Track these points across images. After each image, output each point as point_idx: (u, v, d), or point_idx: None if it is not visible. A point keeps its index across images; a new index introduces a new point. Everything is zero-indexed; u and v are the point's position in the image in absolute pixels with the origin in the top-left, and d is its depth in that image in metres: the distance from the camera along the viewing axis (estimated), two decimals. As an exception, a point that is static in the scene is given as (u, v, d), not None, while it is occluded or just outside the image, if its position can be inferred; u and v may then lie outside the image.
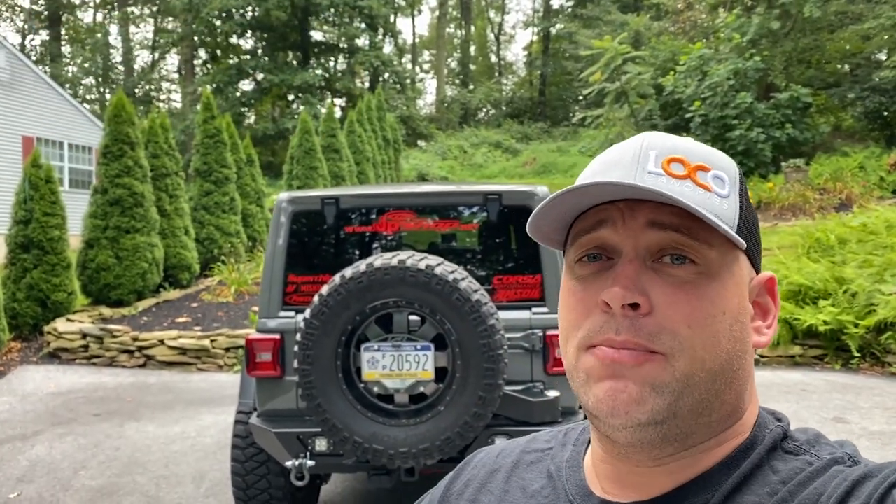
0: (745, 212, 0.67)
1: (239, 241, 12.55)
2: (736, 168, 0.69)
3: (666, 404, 0.63)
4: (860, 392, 6.66)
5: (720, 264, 0.65)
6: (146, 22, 42.05)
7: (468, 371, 3.06)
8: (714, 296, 0.64)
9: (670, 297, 0.63)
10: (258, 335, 3.53)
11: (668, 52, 20.86)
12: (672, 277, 0.64)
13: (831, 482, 0.60)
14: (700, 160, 0.66)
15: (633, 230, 0.65)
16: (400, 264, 2.99)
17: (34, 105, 17.91)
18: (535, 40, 43.02)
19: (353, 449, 3.12)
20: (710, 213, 0.62)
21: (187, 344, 8.50)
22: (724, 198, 0.65)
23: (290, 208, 3.66)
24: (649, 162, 0.65)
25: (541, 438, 0.83)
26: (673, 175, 0.64)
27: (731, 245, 0.65)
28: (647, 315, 0.63)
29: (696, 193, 0.64)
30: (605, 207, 0.66)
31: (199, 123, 12.86)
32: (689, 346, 0.62)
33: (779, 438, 0.67)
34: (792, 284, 8.17)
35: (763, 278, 0.70)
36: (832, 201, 13.51)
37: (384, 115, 22.76)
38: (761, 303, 0.70)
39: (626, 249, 0.65)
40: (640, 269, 0.64)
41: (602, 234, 0.66)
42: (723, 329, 0.64)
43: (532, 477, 0.78)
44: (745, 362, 0.66)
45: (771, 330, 0.70)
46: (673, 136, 0.69)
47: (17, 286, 9.17)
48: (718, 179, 0.66)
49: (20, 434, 6.05)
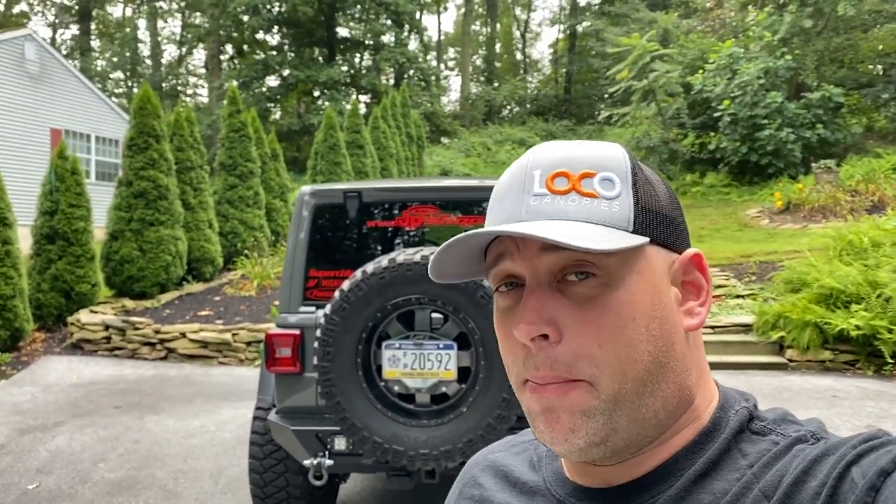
0: (642, 204, 0.66)
1: (262, 235, 12.56)
2: (626, 160, 0.67)
3: (600, 425, 0.64)
4: (894, 400, 6.46)
5: (622, 268, 0.64)
6: (174, 17, 42.42)
7: (492, 371, 2.97)
8: (619, 305, 0.63)
9: (577, 320, 0.64)
10: (278, 330, 3.47)
11: (697, 50, 20.54)
12: (576, 296, 0.64)
13: (793, 462, 0.60)
14: (584, 167, 0.66)
15: (529, 258, 0.66)
16: (423, 260, 2.91)
17: (62, 98, 18.08)
18: (561, 38, 42.69)
19: (373, 449, 3.04)
20: (596, 222, 0.63)
21: (209, 337, 8.49)
22: (613, 199, 0.65)
23: (313, 202, 3.59)
24: (535, 183, 0.66)
25: (527, 431, 0.84)
26: (556, 191, 0.65)
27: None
28: (559, 342, 0.64)
29: (580, 206, 0.64)
30: (502, 239, 0.67)
31: (225, 117, 12.88)
32: (606, 366, 0.63)
33: (745, 420, 0.67)
34: (823, 288, 7.96)
35: (686, 257, 0.69)
36: (864, 203, 13.20)
37: (408, 112, 22.69)
38: (692, 280, 0.69)
39: (527, 278, 0.66)
40: (545, 296, 0.65)
41: (505, 267, 0.68)
42: (636, 334, 0.63)
43: (516, 464, 0.80)
44: (674, 354, 0.66)
45: (704, 307, 0.69)
46: (559, 146, 0.69)
47: (41, 277, 9.23)
48: (606, 181, 0.65)
49: (41, 424, 6.06)
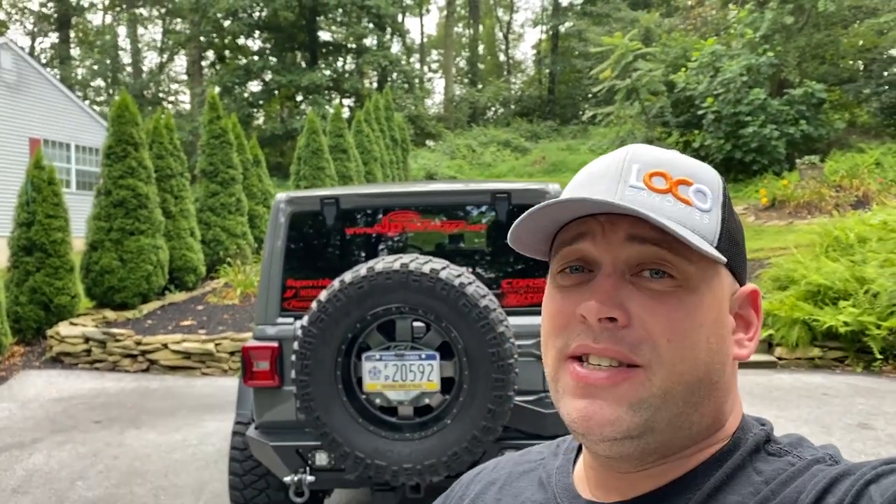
0: (727, 226, 0.68)
1: (245, 242, 12.41)
2: (720, 182, 0.69)
3: (642, 421, 0.64)
4: (885, 396, 6.42)
5: (699, 279, 0.65)
6: (154, 23, 42.10)
7: (476, 381, 2.87)
8: (692, 308, 0.65)
9: (648, 310, 0.64)
10: (255, 343, 3.36)
11: (680, 48, 20.58)
12: (650, 290, 0.65)
13: (811, 480, 0.61)
14: (682, 174, 0.67)
15: (613, 244, 0.66)
16: (402, 268, 2.81)
17: (41, 107, 17.83)
18: (544, 38, 42.72)
19: (355, 464, 2.93)
20: (689, 228, 0.64)
21: (191, 348, 8.35)
22: (705, 212, 0.66)
23: (289, 209, 3.48)
24: (631, 175, 0.66)
25: (534, 451, 0.85)
26: (654, 189, 0.66)
27: (710, 260, 0.65)
28: (625, 327, 0.64)
29: (675, 208, 0.65)
30: (586, 220, 0.67)
31: (205, 124, 12.73)
32: (667, 360, 0.63)
33: (762, 441, 0.68)
34: (810, 284, 7.93)
35: (746, 291, 0.71)
36: (849, 199, 13.23)
37: (392, 115, 22.59)
38: (744, 315, 0.71)
39: (604, 263, 0.66)
40: (619, 283, 0.65)
41: (582, 247, 0.67)
42: (700, 341, 0.65)
43: (524, 486, 0.79)
44: (724, 374, 0.67)
45: (752, 343, 0.71)
46: (658, 149, 0.69)
47: (19, 289, 9.05)
48: (700, 194, 0.67)
49: (18, 442, 5.90)
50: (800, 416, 5.88)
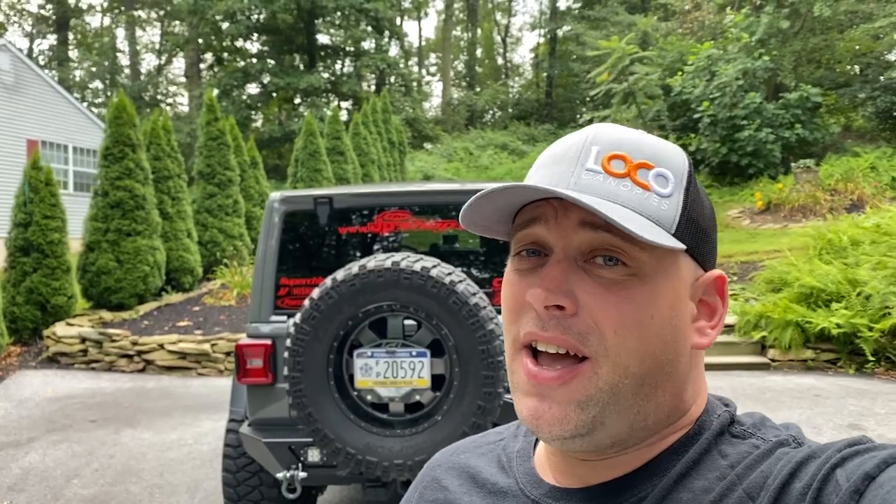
0: (688, 211, 0.66)
1: (242, 243, 12.44)
2: (685, 165, 0.67)
3: (590, 418, 0.63)
4: (876, 398, 6.47)
5: (654, 266, 0.64)
6: (153, 26, 42.13)
7: (466, 378, 2.91)
8: (642, 299, 0.63)
9: (598, 299, 0.63)
10: (249, 340, 3.39)
11: (676, 52, 20.64)
12: (601, 279, 0.64)
13: (777, 464, 0.61)
14: (644, 157, 0.65)
15: (565, 229, 0.65)
16: (394, 266, 2.85)
17: (39, 108, 17.86)
18: (541, 42, 42.82)
19: (347, 460, 2.97)
20: (644, 214, 0.62)
21: (187, 348, 8.37)
22: (664, 197, 0.64)
23: (282, 208, 3.52)
24: (590, 159, 0.65)
25: (493, 432, 0.85)
26: (611, 173, 0.64)
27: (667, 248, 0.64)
28: (573, 316, 0.63)
29: (632, 194, 0.63)
30: (540, 204, 0.66)
31: (203, 126, 12.76)
32: (614, 352, 0.62)
33: (726, 423, 0.67)
34: (803, 287, 7.98)
35: (710, 277, 0.69)
36: (843, 202, 13.29)
37: (390, 118, 22.63)
38: (709, 301, 0.69)
39: (556, 249, 0.65)
40: (569, 270, 0.64)
41: (535, 231, 0.67)
42: (650, 333, 0.63)
43: (482, 466, 0.78)
44: (678, 364, 0.66)
45: (715, 330, 0.69)
46: (622, 129, 0.67)
47: (16, 290, 9.07)
48: (661, 178, 0.65)
49: (14, 441, 5.93)
50: (791, 417, 5.92)
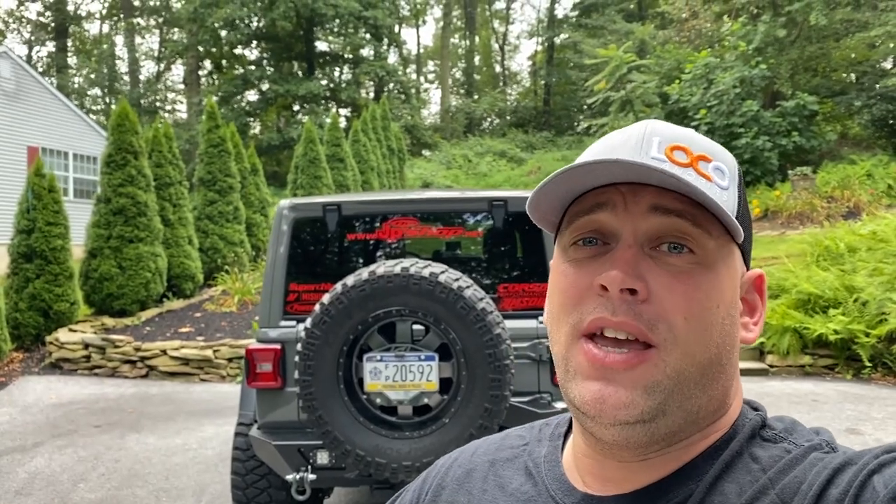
0: (742, 206, 0.67)
1: (242, 250, 12.50)
2: (736, 162, 0.69)
3: (656, 404, 0.62)
4: (873, 402, 6.54)
5: (717, 255, 0.64)
6: (152, 33, 42.23)
7: (474, 382, 2.97)
8: (710, 287, 0.63)
9: (667, 286, 0.62)
10: (258, 345, 3.45)
11: (674, 60, 20.78)
12: (669, 266, 0.63)
13: (811, 470, 0.60)
14: (702, 150, 0.66)
15: (634, 215, 0.64)
16: (403, 272, 2.91)
17: (39, 115, 17.92)
18: (539, 50, 42.98)
19: (356, 462, 3.03)
20: None
21: (190, 354, 8.42)
22: (724, 189, 0.65)
23: (292, 215, 3.59)
24: (652, 148, 0.65)
25: (514, 434, 0.82)
26: (676, 162, 0.64)
27: (727, 237, 0.65)
28: (644, 302, 0.62)
29: (698, 182, 0.63)
30: (606, 190, 0.65)
31: (204, 133, 12.83)
32: (682, 340, 0.62)
33: (757, 427, 0.67)
34: (801, 293, 8.06)
35: (753, 275, 0.70)
36: (840, 209, 13.40)
37: (389, 125, 22.73)
38: (749, 300, 0.70)
39: (624, 234, 0.64)
40: (639, 255, 0.63)
41: (600, 218, 0.65)
42: (716, 322, 0.63)
43: (509, 475, 0.76)
44: (732, 357, 0.67)
45: (758, 327, 0.70)
46: (674, 126, 0.68)
47: (19, 296, 9.12)
48: (719, 171, 0.66)
49: (20, 446, 5.97)
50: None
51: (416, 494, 0.83)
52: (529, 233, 3.57)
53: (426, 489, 0.82)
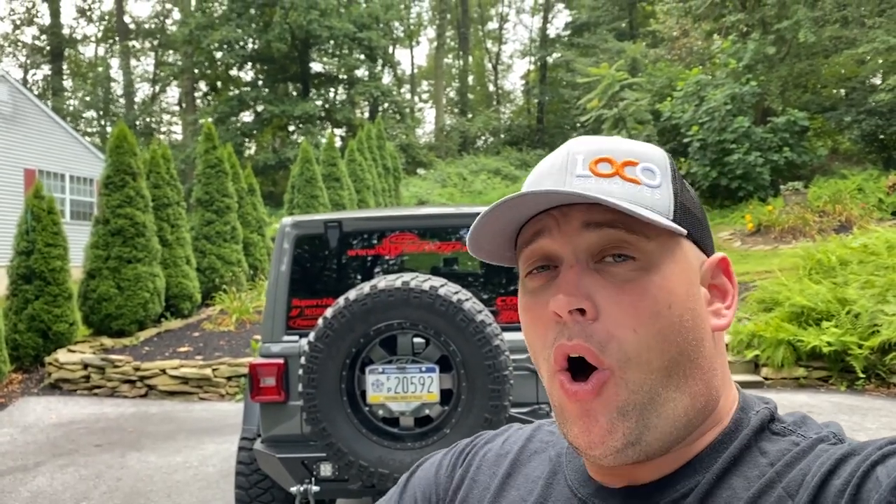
0: (680, 199, 0.68)
1: (240, 269, 12.56)
2: (666, 158, 0.69)
3: (634, 423, 0.63)
4: (866, 413, 6.61)
5: (660, 254, 0.65)
6: (147, 55, 42.50)
7: (473, 392, 3.04)
8: (657, 291, 0.64)
9: (614, 300, 0.63)
10: (262, 360, 3.52)
11: (665, 78, 21.03)
12: (614, 277, 0.64)
13: (816, 461, 0.60)
14: (627, 156, 0.67)
15: (569, 234, 0.65)
16: (404, 286, 2.99)
17: (36, 138, 18.01)
18: (532, 69, 43.39)
19: (359, 473, 3.09)
20: (641, 205, 0.64)
21: (189, 373, 8.46)
22: (655, 188, 0.66)
23: (294, 232, 3.67)
24: (577, 166, 0.67)
25: (545, 428, 0.83)
26: (600, 175, 0.66)
27: (669, 233, 0.66)
28: (594, 320, 0.63)
29: (624, 189, 0.65)
30: (541, 218, 0.67)
31: (201, 154, 12.93)
32: (634, 354, 0.63)
33: (766, 420, 0.67)
34: (794, 306, 8.15)
35: (715, 260, 0.71)
36: (832, 223, 13.53)
37: (384, 144, 22.88)
38: (718, 284, 0.71)
39: (566, 255, 0.66)
40: (582, 273, 0.65)
41: (542, 244, 0.67)
42: (670, 324, 0.64)
43: (535, 464, 0.78)
44: (702, 350, 0.66)
45: (730, 311, 0.70)
46: (598, 138, 0.70)
47: (18, 317, 9.16)
48: (648, 171, 0.67)
49: (21, 465, 6.00)
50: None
51: (452, 461, 0.84)
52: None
53: (459, 462, 0.83)
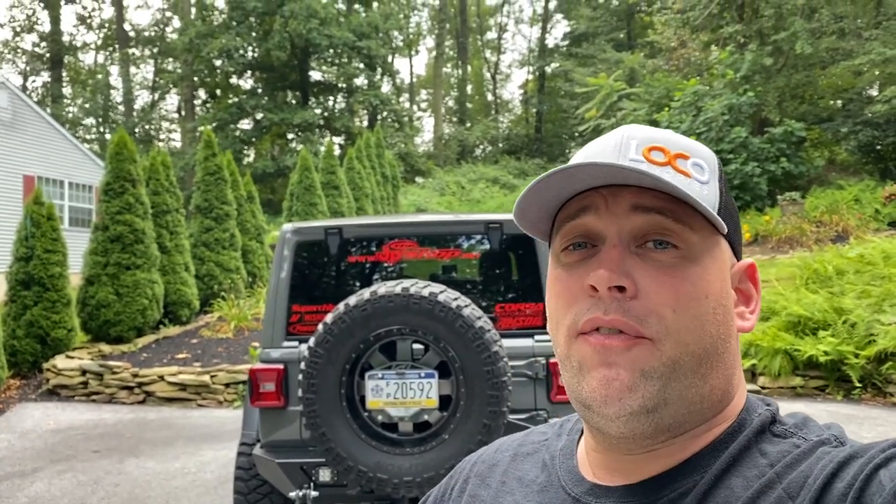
0: (724, 198, 0.69)
1: (239, 277, 12.57)
2: (715, 157, 0.71)
3: (656, 390, 0.63)
4: (863, 423, 6.64)
5: (702, 248, 0.66)
6: (146, 63, 42.61)
7: (472, 398, 3.07)
8: (696, 279, 0.65)
9: (655, 281, 0.64)
10: (262, 365, 3.54)
11: (663, 88, 21.10)
12: (655, 262, 0.65)
13: (818, 463, 0.60)
14: (679, 149, 0.68)
15: (617, 215, 0.66)
16: (403, 292, 3.02)
17: (35, 144, 18.05)
18: (530, 79, 43.58)
19: (358, 478, 3.11)
20: None
21: (187, 380, 8.46)
22: (704, 184, 0.67)
23: (294, 239, 3.70)
24: (630, 150, 0.67)
25: (537, 431, 0.85)
26: (653, 162, 0.66)
27: (711, 230, 0.67)
28: (633, 298, 0.64)
29: (676, 179, 0.65)
30: (589, 194, 0.68)
31: (200, 161, 12.96)
32: (674, 330, 0.63)
33: (767, 422, 0.68)
34: (791, 315, 8.18)
35: (744, 265, 0.72)
36: (829, 233, 13.57)
37: (383, 153, 22.96)
38: (743, 289, 0.72)
39: (609, 235, 0.66)
40: (625, 254, 0.65)
41: (586, 221, 0.68)
42: (706, 312, 0.65)
43: (528, 468, 0.79)
44: (729, 346, 0.68)
45: (754, 315, 0.72)
46: (652, 128, 0.71)
47: (16, 323, 9.16)
48: (698, 167, 0.68)
49: (19, 471, 6.00)
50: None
51: (441, 490, 0.87)
52: (524, 254, 3.68)
53: (452, 485, 0.86)
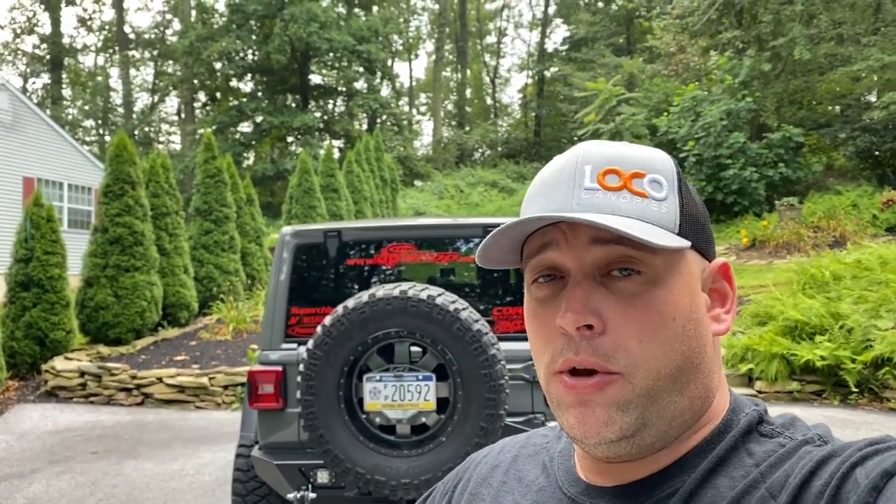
0: (685, 209, 0.69)
1: (238, 279, 12.59)
2: (673, 166, 0.70)
3: (633, 419, 0.65)
4: (860, 428, 6.65)
5: (665, 268, 0.66)
6: (146, 65, 42.67)
7: (470, 401, 3.09)
8: (662, 304, 0.66)
9: (621, 315, 0.65)
10: (260, 367, 3.56)
11: (662, 93, 21.16)
12: (621, 292, 0.66)
13: (799, 462, 0.61)
14: (634, 167, 0.68)
15: (577, 249, 0.67)
16: (402, 294, 3.04)
17: (35, 146, 18.07)
18: (529, 83, 43.64)
19: (355, 480, 3.13)
20: (648, 221, 0.65)
21: (185, 382, 8.48)
22: (661, 201, 0.67)
23: (294, 241, 3.72)
24: (585, 178, 0.67)
25: (539, 434, 0.86)
26: (609, 188, 0.66)
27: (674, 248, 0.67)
28: (602, 334, 0.65)
29: (632, 204, 0.66)
30: (548, 230, 0.69)
31: (200, 164, 12.99)
32: (642, 361, 0.65)
33: (755, 422, 0.69)
34: (788, 320, 8.20)
35: (716, 265, 0.72)
36: (826, 239, 13.61)
37: (382, 156, 22.99)
38: (718, 288, 0.73)
39: (573, 270, 0.67)
40: (590, 288, 0.66)
41: (549, 257, 0.68)
42: (675, 335, 0.66)
43: (528, 468, 0.81)
44: (704, 356, 0.68)
45: (730, 315, 0.72)
46: (608, 145, 0.71)
47: (15, 325, 9.17)
48: (655, 183, 0.68)
49: (17, 472, 6.01)
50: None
51: (446, 486, 0.88)
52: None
53: (456, 482, 0.88)
